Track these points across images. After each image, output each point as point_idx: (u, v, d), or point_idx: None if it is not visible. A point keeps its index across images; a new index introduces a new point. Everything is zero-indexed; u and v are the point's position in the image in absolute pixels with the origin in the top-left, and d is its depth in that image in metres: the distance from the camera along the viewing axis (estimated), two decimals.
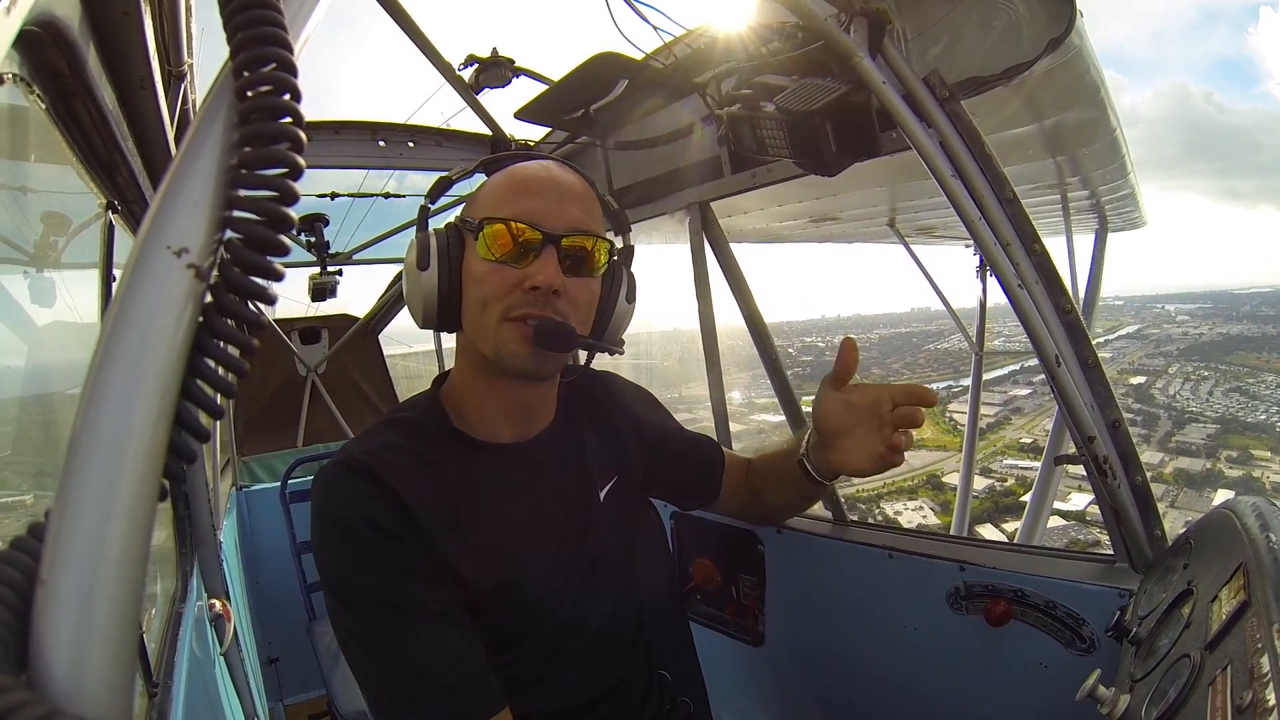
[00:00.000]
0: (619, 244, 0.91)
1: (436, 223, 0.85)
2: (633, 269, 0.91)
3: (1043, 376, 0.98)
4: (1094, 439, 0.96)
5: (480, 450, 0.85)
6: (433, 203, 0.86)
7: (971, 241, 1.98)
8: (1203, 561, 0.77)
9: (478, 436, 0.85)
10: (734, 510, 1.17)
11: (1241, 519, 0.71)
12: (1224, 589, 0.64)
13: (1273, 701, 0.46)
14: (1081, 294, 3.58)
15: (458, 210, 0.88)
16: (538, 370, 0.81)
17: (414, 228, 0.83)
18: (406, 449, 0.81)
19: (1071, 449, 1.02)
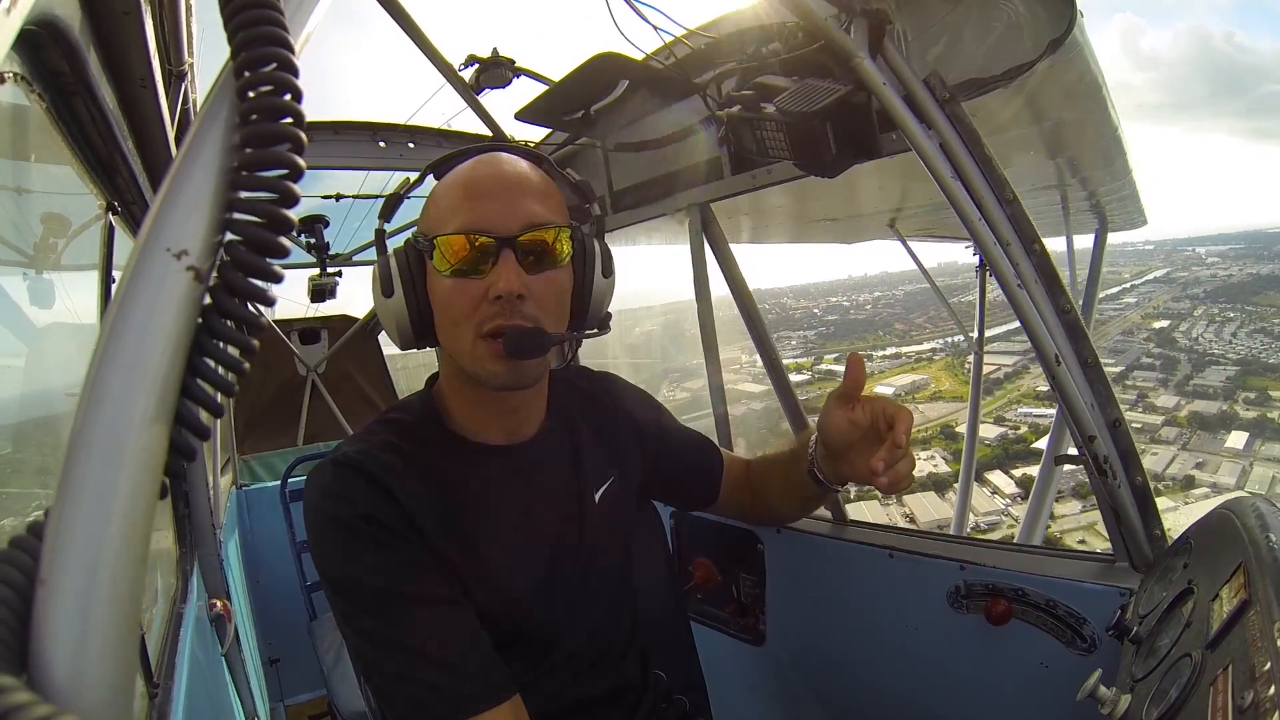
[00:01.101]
0: (592, 213, 0.89)
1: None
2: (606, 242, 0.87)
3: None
4: (1094, 438, 0.96)
5: (474, 453, 0.84)
6: (387, 222, 0.84)
7: (971, 241, 1.98)
8: (1203, 561, 0.77)
9: (471, 438, 0.85)
10: (734, 512, 1.16)
11: (1241, 519, 0.71)
12: (1224, 588, 0.64)
13: (1274, 701, 0.46)
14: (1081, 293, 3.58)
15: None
16: (518, 382, 0.79)
17: (412, 229, 0.82)
18: (401, 449, 0.80)
19: (1072, 448, 1.02)
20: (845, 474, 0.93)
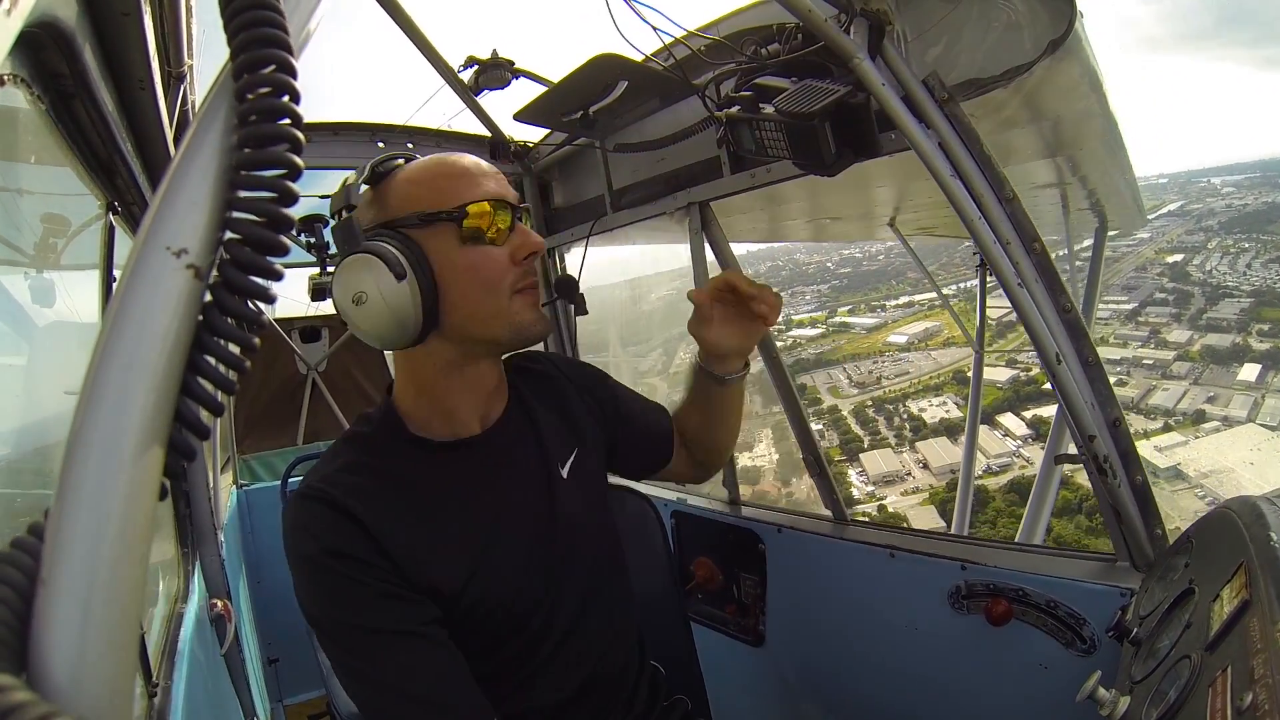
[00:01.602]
0: None
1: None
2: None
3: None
4: (1094, 438, 0.96)
5: (439, 452, 0.84)
6: (350, 211, 0.82)
7: (971, 240, 1.98)
8: (1204, 560, 0.77)
9: (436, 438, 0.85)
10: (682, 470, 1.14)
11: (1242, 518, 0.71)
12: (1225, 588, 0.64)
13: (1273, 703, 0.46)
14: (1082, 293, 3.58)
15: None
16: (546, 331, 0.87)
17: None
18: (366, 465, 0.80)
19: (1072, 448, 1.02)
20: (745, 349, 1.00)
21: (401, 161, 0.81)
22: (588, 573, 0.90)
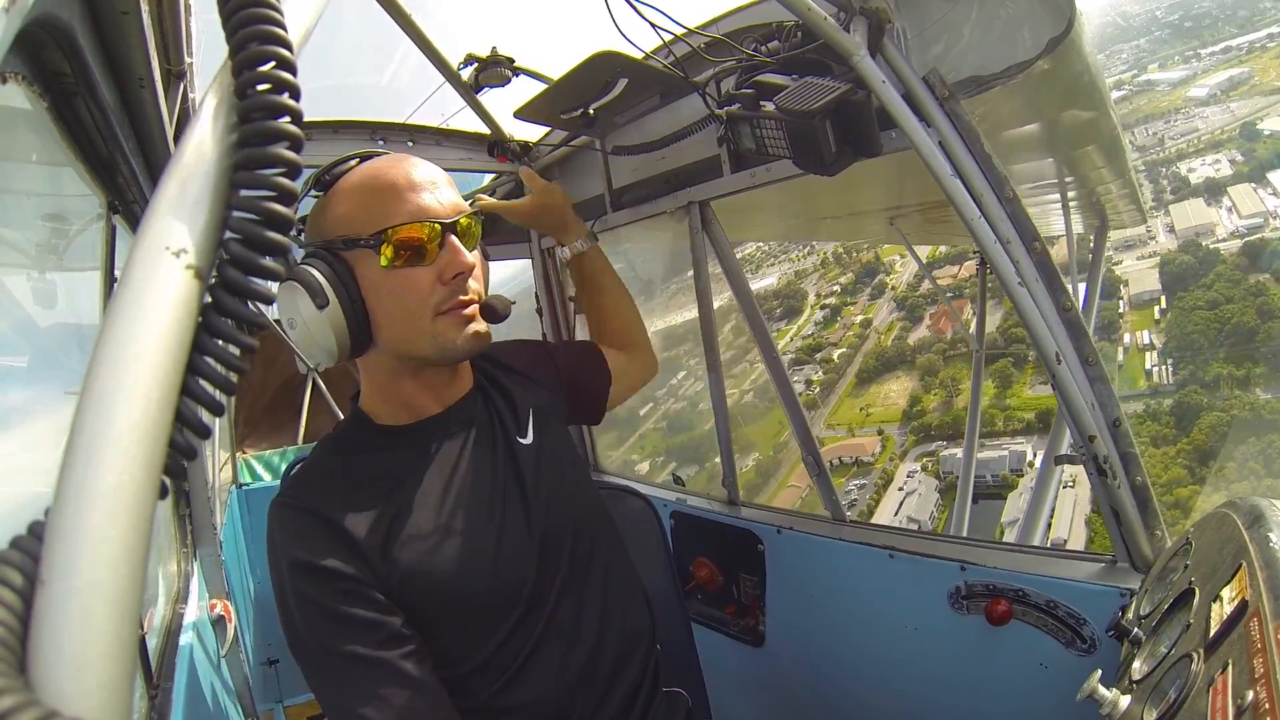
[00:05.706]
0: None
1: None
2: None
3: None
4: (1094, 438, 0.96)
5: (404, 434, 0.86)
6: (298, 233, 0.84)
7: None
8: (1203, 561, 0.77)
9: (400, 424, 0.87)
10: (622, 370, 1.16)
11: (1241, 519, 0.71)
12: (1224, 589, 0.64)
13: (1273, 703, 0.46)
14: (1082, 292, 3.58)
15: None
16: (480, 349, 0.83)
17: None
18: (334, 464, 0.83)
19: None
20: (573, 227, 1.19)
21: (355, 162, 0.81)
22: (572, 534, 0.90)
